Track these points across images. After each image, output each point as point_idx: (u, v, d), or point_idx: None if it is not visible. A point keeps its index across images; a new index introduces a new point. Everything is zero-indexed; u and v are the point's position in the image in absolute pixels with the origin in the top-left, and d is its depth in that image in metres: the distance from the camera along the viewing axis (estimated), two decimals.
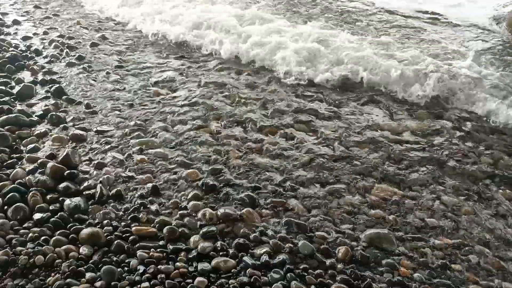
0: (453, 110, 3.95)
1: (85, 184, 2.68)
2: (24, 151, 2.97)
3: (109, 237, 2.31)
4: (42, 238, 2.25)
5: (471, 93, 4.06)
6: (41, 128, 3.27)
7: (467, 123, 3.75)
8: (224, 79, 4.35)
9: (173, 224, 2.42)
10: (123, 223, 2.42)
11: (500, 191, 2.89)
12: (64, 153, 2.88)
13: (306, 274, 2.17)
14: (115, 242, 2.27)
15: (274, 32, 5.24)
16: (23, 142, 3.07)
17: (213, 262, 2.20)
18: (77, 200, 2.53)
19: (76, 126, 3.32)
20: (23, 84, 3.87)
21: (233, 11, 5.95)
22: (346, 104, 3.96)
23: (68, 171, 2.74)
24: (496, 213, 2.69)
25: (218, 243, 2.31)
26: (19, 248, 2.17)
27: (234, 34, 5.22)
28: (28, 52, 4.69)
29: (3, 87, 3.77)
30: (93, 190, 2.63)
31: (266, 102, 3.88)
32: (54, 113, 3.45)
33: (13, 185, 2.57)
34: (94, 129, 3.30)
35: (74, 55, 4.69)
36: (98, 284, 2.03)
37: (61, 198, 2.54)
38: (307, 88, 4.25)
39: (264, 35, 5.09)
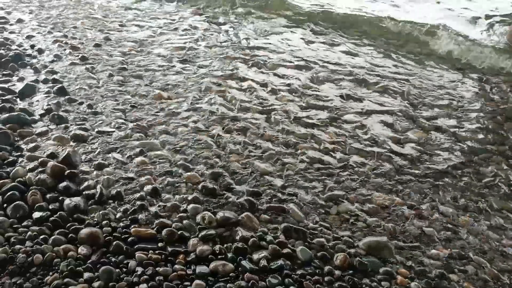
0: None
1: (85, 184, 2.69)
2: (24, 150, 2.98)
3: (108, 237, 2.31)
4: (41, 237, 2.25)
5: None
6: (42, 127, 3.28)
7: None
8: None
9: (172, 227, 2.42)
10: (122, 224, 2.42)
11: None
12: (65, 153, 2.89)
13: (303, 280, 2.17)
14: (114, 243, 2.27)
15: None
16: (24, 140, 3.08)
17: (212, 265, 2.20)
18: (76, 200, 2.53)
19: (77, 126, 3.33)
20: (26, 82, 3.88)
21: None
22: None
23: (69, 171, 2.75)
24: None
25: (217, 247, 2.32)
26: (17, 246, 2.17)
27: None
28: (32, 51, 4.71)
29: (6, 85, 3.78)
30: (93, 191, 2.63)
31: None
32: (56, 112, 3.46)
33: (13, 183, 2.57)
34: (96, 130, 3.31)
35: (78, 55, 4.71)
36: (96, 284, 2.03)
37: (61, 198, 2.54)
38: None
39: None
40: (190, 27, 5.94)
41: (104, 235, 2.32)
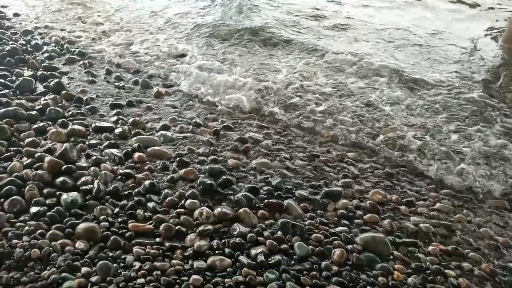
0: None
1: (83, 179, 2.68)
2: (22, 145, 2.96)
3: (105, 232, 2.31)
4: (38, 231, 2.24)
5: None
6: (39, 122, 3.27)
7: None
8: None
9: (169, 222, 2.42)
10: (119, 219, 2.42)
11: None
12: (62, 148, 2.88)
13: (301, 275, 2.18)
14: (111, 238, 2.27)
15: None
16: (21, 135, 3.07)
17: (209, 260, 2.21)
18: (74, 195, 2.53)
19: (74, 122, 3.32)
20: (22, 77, 3.86)
21: None
22: None
23: (66, 166, 2.74)
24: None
25: (214, 242, 2.32)
26: (15, 241, 2.17)
27: None
28: (28, 46, 4.69)
29: (3, 80, 3.76)
30: (90, 186, 2.62)
31: None
32: (53, 107, 3.44)
33: (10, 178, 2.56)
34: (93, 125, 3.30)
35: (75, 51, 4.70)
36: (93, 279, 2.03)
37: (58, 193, 2.54)
38: None
39: None
40: None
41: (101, 230, 2.32)
